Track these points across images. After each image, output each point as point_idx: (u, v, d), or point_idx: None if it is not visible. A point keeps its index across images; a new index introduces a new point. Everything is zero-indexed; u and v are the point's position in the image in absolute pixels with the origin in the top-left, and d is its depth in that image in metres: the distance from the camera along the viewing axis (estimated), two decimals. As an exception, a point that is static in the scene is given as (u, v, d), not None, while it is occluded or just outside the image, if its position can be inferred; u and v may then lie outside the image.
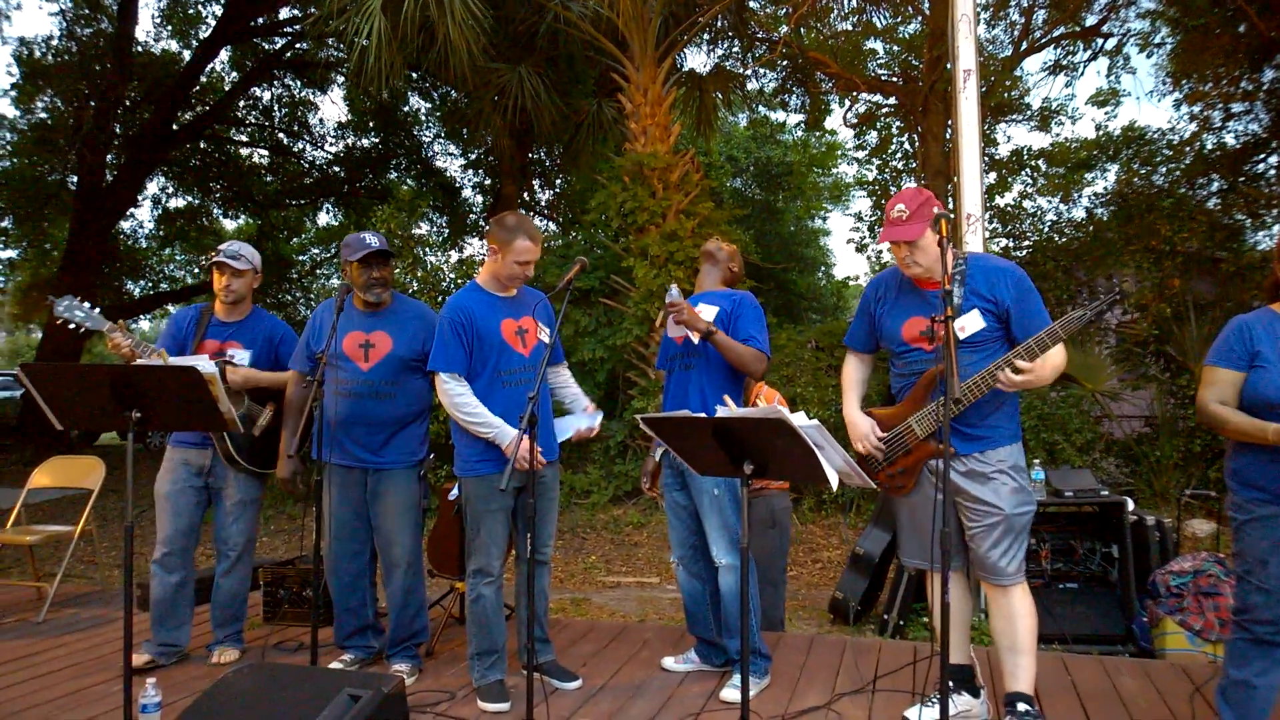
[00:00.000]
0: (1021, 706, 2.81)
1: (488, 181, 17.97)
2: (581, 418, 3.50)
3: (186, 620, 3.81)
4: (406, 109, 17.66)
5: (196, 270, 20.63)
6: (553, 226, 17.47)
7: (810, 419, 2.24)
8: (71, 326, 3.56)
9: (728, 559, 3.33)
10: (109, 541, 7.54)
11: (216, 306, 3.80)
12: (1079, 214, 13.87)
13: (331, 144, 19.19)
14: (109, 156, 16.02)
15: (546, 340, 3.40)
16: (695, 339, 3.32)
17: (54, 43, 16.26)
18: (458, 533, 4.20)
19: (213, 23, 16.81)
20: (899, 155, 16.25)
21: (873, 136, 16.55)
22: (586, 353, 9.25)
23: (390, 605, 3.61)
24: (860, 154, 17.91)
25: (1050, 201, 14.32)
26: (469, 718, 3.14)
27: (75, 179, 16.27)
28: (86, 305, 3.57)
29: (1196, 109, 12.88)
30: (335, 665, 3.55)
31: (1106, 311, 2.60)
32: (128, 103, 16.43)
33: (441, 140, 18.38)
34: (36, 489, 4.97)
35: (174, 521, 3.68)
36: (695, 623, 3.61)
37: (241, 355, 3.75)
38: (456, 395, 3.22)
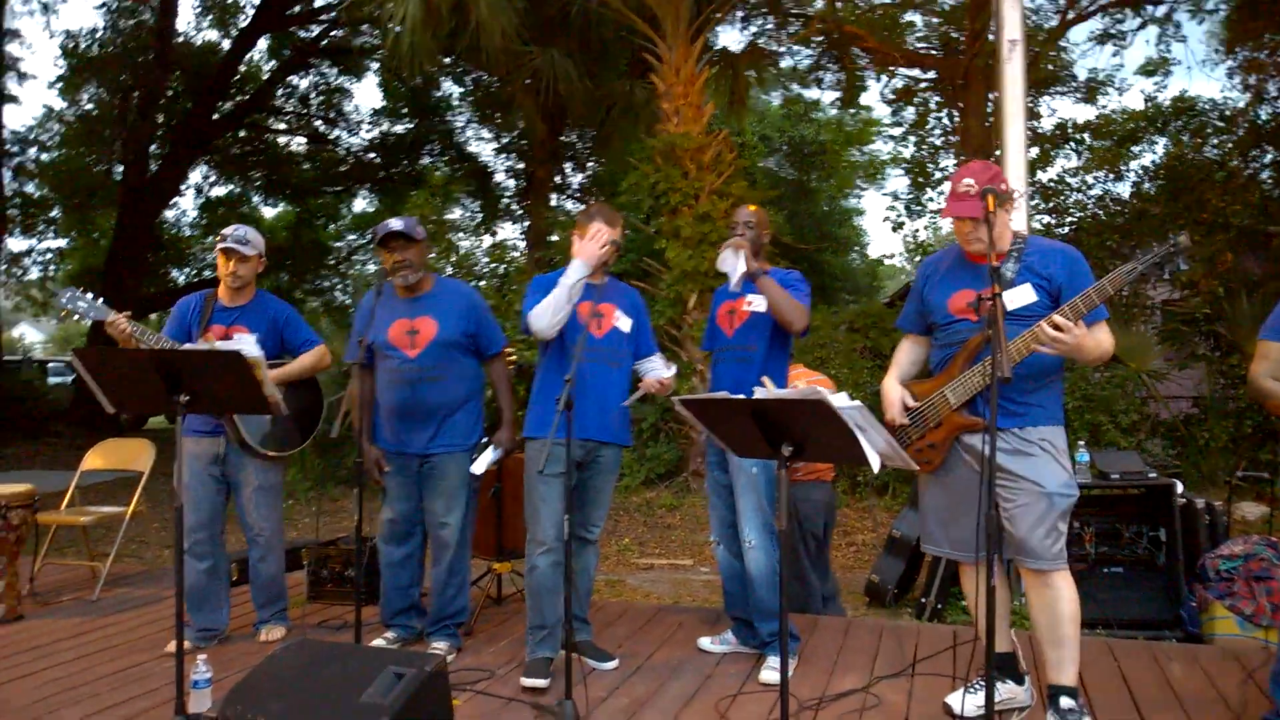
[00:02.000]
0: (1065, 702, 2.73)
1: (520, 165, 18.02)
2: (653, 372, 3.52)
3: (223, 604, 3.86)
4: (439, 94, 17.74)
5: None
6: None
7: (851, 400, 2.22)
8: (75, 318, 3.58)
9: (756, 538, 3.32)
10: (159, 522, 7.72)
11: (220, 291, 3.79)
12: (1125, 189, 13.52)
13: (366, 130, 19.39)
14: (152, 147, 16.32)
15: (624, 329, 3.45)
16: (734, 276, 3.37)
17: (98, 35, 16.57)
18: (494, 514, 4.25)
19: (251, 12, 17.00)
20: (937, 131, 15.95)
21: (910, 112, 16.26)
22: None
23: (434, 585, 3.66)
24: (897, 131, 17.62)
25: (1096, 176, 13.98)
26: (508, 695, 3.17)
27: (120, 169, 16.59)
28: (89, 296, 3.58)
29: (1250, 78, 12.47)
30: (378, 643, 3.61)
31: (1162, 265, 2.51)
32: (170, 93, 16.72)
33: (474, 125, 18.46)
34: (89, 471, 5.10)
35: (195, 513, 3.69)
36: (733, 603, 3.61)
37: (248, 339, 3.67)
38: (537, 307, 3.25)
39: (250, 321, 3.77)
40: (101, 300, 3.62)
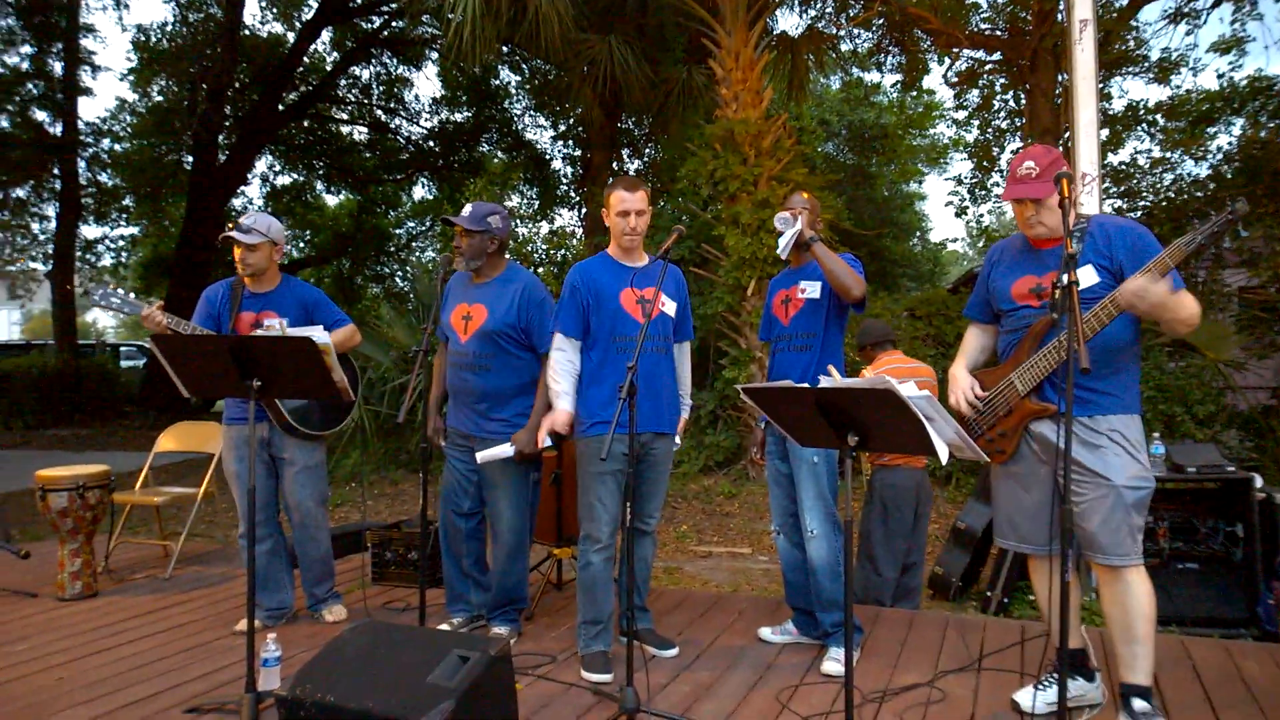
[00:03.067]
0: (1139, 705, 2.64)
1: (577, 152, 18.04)
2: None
3: (288, 584, 3.96)
4: (497, 83, 17.85)
5: (302, 245, 21.47)
6: (642, 196, 17.38)
7: (921, 390, 2.16)
8: (110, 312, 3.69)
9: (818, 528, 3.29)
10: (228, 503, 7.95)
11: (246, 280, 3.83)
12: (1200, 171, 13.01)
13: (426, 119, 19.62)
14: (221, 137, 16.72)
15: (670, 313, 3.43)
16: (785, 237, 3.31)
17: (168, 29, 17.03)
18: (554, 500, 4.27)
19: (314, 5, 17.29)
20: (1003, 114, 15.54)
21: (974, 95, 15.86)
22: (680, 323, 9.24)
23: (494, 570, 3.69)
24: (960, 114, 17.19)
25: (1169, 157, 13.47)
26: (568, 681, 3.19)
27: (190, 159, 17.05)
28: (120, 291, 3.66)
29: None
30: (444, 627, 3.65)
31: (1221, 234, 2.41)
32: (237, 85, 17.10)
33: (532, 112, 18.54)
34: (162, 453, 5.26)
35: (248, 496, 3.76)
36: (794, 593, 3.58)
37: (275, 323, 3.76)
38: (557, 350, 3.33)
39: (279, 306, 3.81)
40: (133, 295, 3.69)
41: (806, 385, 2.37)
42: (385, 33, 17.72)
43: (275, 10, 18.27)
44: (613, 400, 3.20)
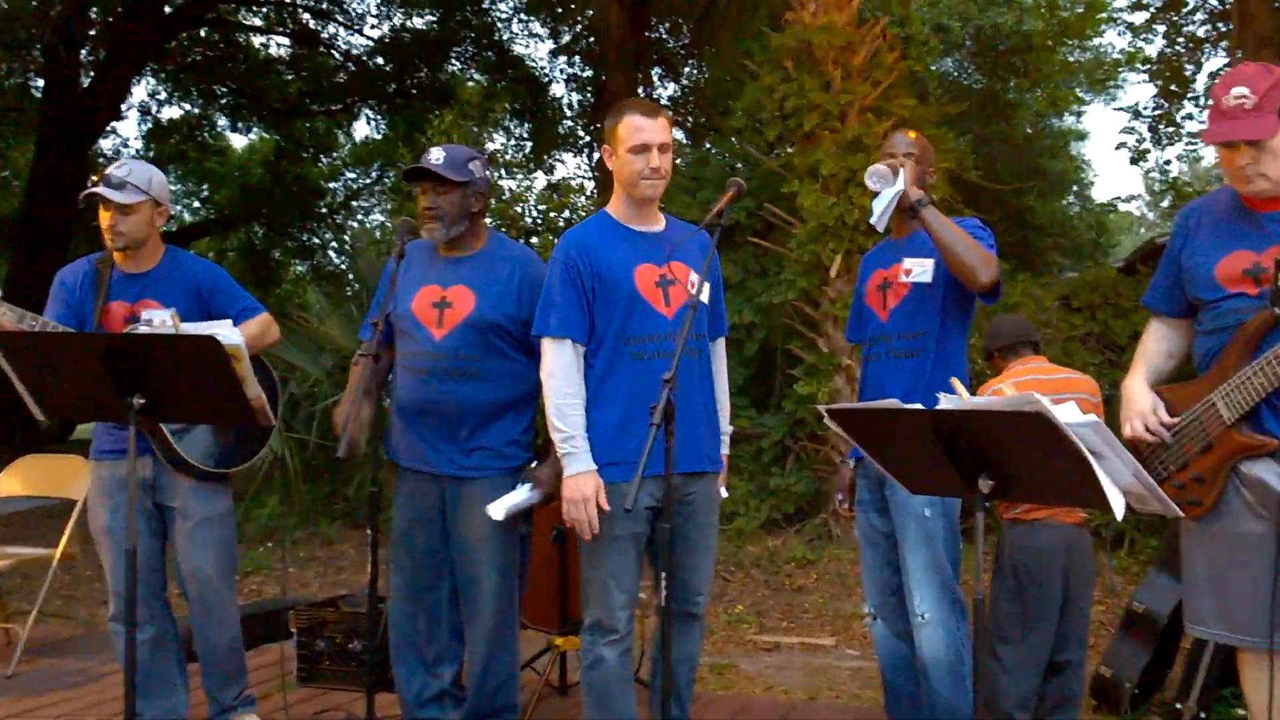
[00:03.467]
0: None
1: (587, 73, 18.14)
2: None
3: (178, 685, 3.96)
4: (474, -28, 18.01)
5: (197, 204, 21.71)
6: (680, 134, 17.43)
7: (1085, 414, 2.17)
8: None
9: (932, 611, 3.29)
10: (95, 568, 8.06)
11: (116, 256, 3.82)
12: None
13: (373, 27, 19.75)
14: (84, 52, 16.93)
15: (705, 299, 3.25)
16: (883, 199, 3.29)
17: (11, -99, 17.31)
18: (557, 569, 4.31)
19: None
20: (1199, 16, 15.47)
21: (1158, -11, 15.81)
22: (730, 316, 9.25)
23: (470, 666, 3.70)
24: (1138, 16, 17.12)
25: None
26: (578, 826, 3.22)
27: (41, 83, 17.29)
28: None
29: None
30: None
31: None
32: (108, -21, 17.33)
33: (522, 18, 18.64)
34: (4, 499, 5.34)
35: (122, 565, 3.50)
36: (896, 702, 3.60)
37: (161, 316, 3.68)
38: (551, 372, 3.21)
39: (162, 293, 3.79)
40: None
41: (918, 406, 2.38)
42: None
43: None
44: (629, 429, 3.15)
